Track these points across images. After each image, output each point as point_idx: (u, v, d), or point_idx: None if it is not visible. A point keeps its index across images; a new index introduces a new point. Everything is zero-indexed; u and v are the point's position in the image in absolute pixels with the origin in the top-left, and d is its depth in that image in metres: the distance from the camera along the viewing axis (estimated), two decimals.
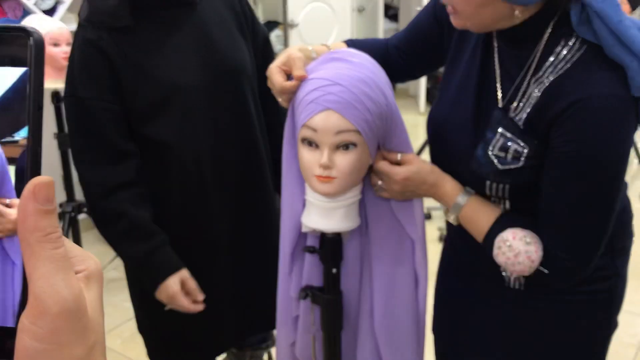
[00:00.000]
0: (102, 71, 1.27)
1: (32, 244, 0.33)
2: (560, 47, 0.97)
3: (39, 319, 0.32)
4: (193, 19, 1.35)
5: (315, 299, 1.15)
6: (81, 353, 0.33)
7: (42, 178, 0.33)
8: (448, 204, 1.10)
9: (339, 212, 1.07)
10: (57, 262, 0.33)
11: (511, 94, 1.02)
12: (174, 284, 1.33)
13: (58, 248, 0.33)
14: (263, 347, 1.95)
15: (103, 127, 1.30)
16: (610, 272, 1.11)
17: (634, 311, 2.71)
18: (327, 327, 1.16)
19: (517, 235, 0.98)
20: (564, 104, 0.92)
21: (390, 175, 1.07)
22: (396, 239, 1.15)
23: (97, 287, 0.36)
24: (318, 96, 0.99)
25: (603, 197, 0.96)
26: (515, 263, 0.98)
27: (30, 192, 0.33)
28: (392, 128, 1.08)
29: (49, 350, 0.32)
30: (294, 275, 1.20)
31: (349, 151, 1.01)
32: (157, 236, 1.34)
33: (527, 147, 0.98)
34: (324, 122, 0.99)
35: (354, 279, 1.17)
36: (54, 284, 0.32)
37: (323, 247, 1.12)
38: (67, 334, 0.33)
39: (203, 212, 1.43)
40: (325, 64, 1.03)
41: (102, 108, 1.29)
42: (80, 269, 0.36)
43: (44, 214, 0.33)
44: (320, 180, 1.02)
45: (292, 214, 1.15)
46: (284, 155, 1.14)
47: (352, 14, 5.39)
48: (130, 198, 1.33)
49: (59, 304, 0.32)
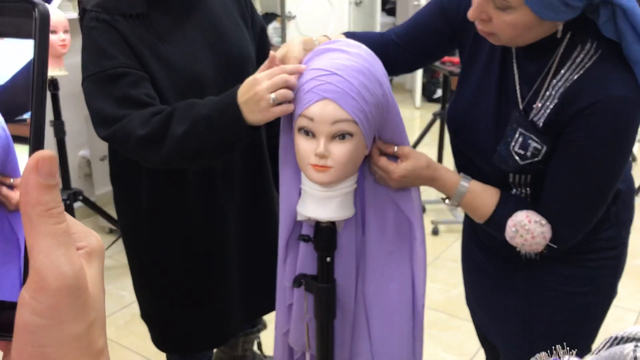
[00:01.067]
0: (121, 44, 1.25)
1: (34, 218, 0.32)
2: (576, 52, 1.04)
3: (39, 293, 0.32)
4: (203, 8, 1.37)
5: (309, 287, 1.16)
6: (80, 329, 0.33)
7: (44, 152, 0.33)
8: (449, 193, 1.16)
9: (334, 201, 1.08)
10: (58, 237, 0.33)
11: (530, 96, 1.10)
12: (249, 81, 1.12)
13: (60, 223, 0.33)
14: (255, 332, 1.97)
15: (131, 89, 1.23)
16: (617, 242, 1.24)
17: (623, 306, 2.74)
18: (321, 315, 1.17)
19: (532, 219, 1.09)
20: (583, 104, 1.01)
21: (387, 172, 1.10)
22: (394, 228, 1.16)
23: (98, 264, 0.36)
24: (315, 86, 1.00)
25: (605, 184, 1.09)
26: (533, 244, 1.10)
27: (32, 166, 0.32)
28: (389, 119, 1.09)
29: (48, 325, 0.32)
30: (288, 264, 1.22)
31: (345, 141, 1.02)
32: (191, 102, 1.22)
33: (545, 145, 1.08)
34: (321, 111, 0.99)
35: (347, 268, 1.18)
36: (55, 260, 0.32)
37: (317, 235, 1.13)
38: (66, 309, 0.32)
39: (212, 200, 1.44)
40: (322, 54, 1.04)
41: (126, 73, 1.23)
42: (82, 245, 0.35)
43: (46, 189, 0.33)
44: (316, 170, 1.03)
45: (287, 203, 1.16)
46: (281, 144, 1.15)
47: (349, 7, 5.39)
48: (164, 109, 1.22)
49: (59, 279, 0.32)
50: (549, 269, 1.24)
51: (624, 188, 1.21)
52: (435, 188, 1.17)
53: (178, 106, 1.20)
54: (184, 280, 1.50)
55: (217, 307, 1.53)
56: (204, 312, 1.53)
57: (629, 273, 3.11)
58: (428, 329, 2.57)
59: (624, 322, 2.64)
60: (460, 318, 2.63)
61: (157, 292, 1.54)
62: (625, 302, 2.76)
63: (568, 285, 1.24)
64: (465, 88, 1.23)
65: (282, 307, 1.26)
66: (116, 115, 1.21)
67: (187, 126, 1.15)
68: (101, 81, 1.23)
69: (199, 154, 1.19)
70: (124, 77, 1.23)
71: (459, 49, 1.27)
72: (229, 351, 2.03)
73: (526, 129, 1.10)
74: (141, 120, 1.18)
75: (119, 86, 1.22)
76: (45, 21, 0.34)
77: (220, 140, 1.15)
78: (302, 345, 1.26)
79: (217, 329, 1.57)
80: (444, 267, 3.11)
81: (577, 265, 1.23)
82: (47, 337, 0.32)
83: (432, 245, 3.37)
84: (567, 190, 1.09)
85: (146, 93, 1.24)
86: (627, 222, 1.25)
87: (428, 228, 3.52)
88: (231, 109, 1.10)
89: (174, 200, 1.42)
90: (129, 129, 1.19)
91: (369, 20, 6.11)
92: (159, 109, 1.21)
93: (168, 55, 1.29)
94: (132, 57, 1.25)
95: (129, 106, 1.21)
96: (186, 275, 1.50)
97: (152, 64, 1.27)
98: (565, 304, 1.26)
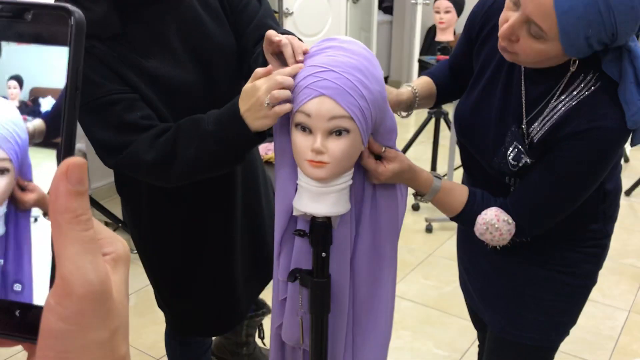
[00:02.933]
0: (103, 70, 1.21)
1: (62, 224, 0.33)
2: (579, 80, 1.13)
3: (64, 299, 0.32)
4: (181, 10, 1.30)
5: (304, 282, 1.17)
6: (104, 336, 0.33)
7: (75, 159, 0.33)
8: (424, 190, 1.26)
9: (330, 197, 1.09)
10: (85, 244, 0.33)
11: (532, 116, 1.20)
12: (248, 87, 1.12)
13: (87, 230, 0.33)
14: (259, 314, 1.99)
15: (126, 115, 1.21)
16: (603, 234, 1.36)
17: (612, 304, 2.77)
18: (315, 309, 1.18)
19: (500, 218, 1.20)
20: (576, 129, 1.11)
21: (374, 174, 1.15)
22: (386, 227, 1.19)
23: (123, 271, 0.36)
24: (312, 82, 1.01)
25: (573, 196, 1.20)
26: (500, 239, 1.22)
27: (62, 173, 0.33)
28: (384, 117, 1.10)
29: (72, 331, 0.32)
30: (282, 259, 1.23)
31: (342, 137, 1.03)
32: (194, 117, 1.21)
33: (534, 160, 1.19)
34: (318, 107, 1.00)
35: (342, 264, 1.19)
36: (81, 267, 0.32)
37: (313, 231, 1.14)
38: (91, 316, 0.33)
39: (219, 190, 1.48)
40: (321, 50, 1.05)
41: (118, 99, 1.21)
42: (108, 251, 0.36)
43: (75, 195, 0.33)
44: (313, 165, 1.04)
45: (283, 198, 1.17)
46: (277, 140, 1.16)
47: (346, 5, 5.39)
48: (165, 129, 1.22)
49: (85, 286, 0.32)
50: (543, 250, 1.34)
51: (611, 188, 1.32)
52: (412, 187, 1.25)
53: (182, 125, 1.20)
54: (188, 269, 1.54)
55: (224, 294, 1.58)
56: (211, 299, 1.57)
57: (619, 272, 3.16)
58: (420, 325, 2.61)
59: (614, 321, 2.66)
60: (452, 315, 2.65)
61: (163, 281, 1.57)
62: (616, 301, 2.79)
63: (559, 266, 1.35)
64: (473, 90, 1.32)
65: (277, 301, 1.27)
66: (118, 143, 1.20)
67: (195, 146, 1.17)
68: (95, 110, 1.20)
69: (211, 169, 1.23)
70: (117, 103, 1.20)
71: (476, 49, 1.34)
72: (233, 337, 2.05)
73: (521, 144, 1.20)
74: (146, 146, 1.18)
75: (114, 113, 1.19)
76: (81, 29, 0.34)
77: (231, 152, 1.18)
78: (295, 340, 1.27)
79: (225, 316, 1.62)
80: (437, 265, 3.13)
81: (570, 249, 1.34)
82: (71, 343, 0.32)
83: (426, 243, 3.39)
84: (538, 192, 1.20)
85: (142, 115, 1.21)
86: (612, 217, 1.37)
87: (422, 225, 3.54)
88: (236, 122, 1.12)
89: (171, 201, 1.45)
90: (136, 156, 1.19)
91: (366, 17, 6.12)
92: (160, 129, 1.21)
93: (151, 70, 1.25)
94: (118, 80, 1.21)
95: (128, 132, 1.20)
96: (190, 265, 1.53)
97: (137, 83, 1.24)
98: (554, 284, 1.36)
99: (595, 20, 0.99)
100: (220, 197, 1.49)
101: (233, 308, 1.61)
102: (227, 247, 1.53)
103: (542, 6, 1.01)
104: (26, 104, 0.35)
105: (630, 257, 3.22)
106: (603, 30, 1.00)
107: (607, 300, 2.79)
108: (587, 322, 2.60)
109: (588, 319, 2.62)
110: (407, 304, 2.76)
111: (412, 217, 3.66)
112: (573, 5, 0.98)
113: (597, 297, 2.78)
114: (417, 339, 2.52)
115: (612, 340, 2.53)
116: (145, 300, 2.67)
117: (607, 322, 2.65)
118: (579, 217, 1.26)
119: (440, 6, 4.10)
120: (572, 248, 1.34)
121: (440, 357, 2.43)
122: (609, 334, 2.57)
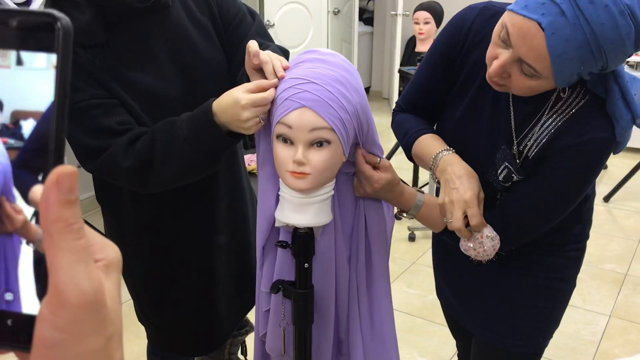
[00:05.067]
0: (84, 76, 1.21)
1: (54, 234, 0.32)
2: (566, 95, 1.15)
3: (58, 309, 0.32)
4: (168, 24, 1.29)
5: (287, 293, 1.17)
6: (99, 344, 0.33)
7: (65, 167, 0.33)
8: (407, 206, 1.26)
9: (312, 207, 1.10)
10: (78, 253, 0.33)
11: (523, 135, 1.20)
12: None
13: (79, 239, 0.33)
14: (243, 333, 1.98)
15: (103, 119, 1.21)
16: (582, 237, 1.39)
17: (594, 310, 2.80)
18: (298, 320, 1.18)
19: (484, 234, 1.20)
20: (569, 142, 1.13)
21: (370, 180, 1.15)
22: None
23: (116, 277, 0.36)
24: (293, 94, 1.02)
25: (566, 204, 1.22)
26: (484, 255, 1.22)
27: (53, 182, 0.32)
28: (366, 128, 1.12)
29: (67, 340, 0.32)
30: (265, 270, 1.23)
31: (323, 148, 1.04)
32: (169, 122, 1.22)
33: (523, 176, 1.21)
34: (299, 119, 1.01)
35: (326, 275, 1.20)
36: (75, 276, 0.32)
37: (295, 242, 1.14)
38: (85, 325, 0.33)
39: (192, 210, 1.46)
40: (301, 63, 1.06)
41: (97, 104, 1.21)
42: (100, 257, 0.35)
43: (67, 204, 0.32)
44: (294, 176, 1.05)
45: (265, 209, 1.17)
46: (259, 151, 1.16)
47: (327, 16, 5.43)
48: (140, 133, 1.22)
49: (79, 296, 0.32)
50: (527, 257, 1.35)
51: (590, 192, 1.36)
52: (398, 202, 1.24)
53: (157, 129, 1.20)
54: (170, 283, 1.52)
55: (207, 313, 1.55)
56: (194, 318, 1.55)
57: (599, 277, 3.20)
58: (405, 334, 2.61)
59: (595, 326, 2.70)
60: (436, 323, 2.67)
61: (145, 294, 1.55)
62: (596, 306, 2.83)
63: (543, 272, 1.37)
64: (457, 105, 1.30)
65: (260, 312, 1.27)
66: (96, 147, 1.20)
67: (171, 151, 1.17)
68: (74, 114, 1.20)
69: (188, 173, 1.23)
70: (95, 108, 1.20)
71: (457, 66, 1.29)
72: (215, 356, 2.03)
73: (511, 164, 1.21)
74: (123, 151, 1.19)
75: (92, 118, 1.20)
76: (68, 35, 0.34)
77: (207, 155, 1.19)
78: (278, 351, 1.27)
79: (207, 335, 1.59)
80: (420, 273, 3.15)
81: (553, 254, 1.36)
82: (65, 351, 0.32)
83: (409, 252, 3.40)
84: (529, 203, 1.21)
85: (119, 121, 1.22)
86: (589, 220, 1.41)
87: (405, 234, 3.56)
88: (210, 126, 1.14)
89: (154, 211, 1.43)
90: (113, 161, 1.20)
91: (347, 29, 6.16)
92: (134, 134, 1.21)
93: (132, 80, 1.25)
94: (98, 86, 1.21)
95: (104, 137, 1.20)
96: (171, 278, 1.52)
97: (118, 91, 1.24)
98: (539, 290, 1.37)
99: (588, 59, 1.00)
100: (204, 212, 1.48)
101: (215, 326, 1.59)
102: (210, 263, 1.52)
103: (536, 50, 1.01)
104: (7, 126, 0.35)
105: (609, 262, 3.27)
106: (594, 65, 1.02)
107: (587, 306, 2.82)
108: (569, 328, 2.63)
109: (569, 324, 2.65)
110: None
111: (395, 226, 3.65)
112: (566, 48, 0.99)
113: (577, 302, 2.81)
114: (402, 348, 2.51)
115: (593, 345, 2.56)
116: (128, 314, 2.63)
117: (589, 327, 2.68)
118: (563, 221, 1.27)
119: (420, 17, 4.15)
120: (555, 253, 1.36)
121: None
122: (590, 339, 2.60)
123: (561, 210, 1.22)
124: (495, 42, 1.09)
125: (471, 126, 1.27)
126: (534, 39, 1.00)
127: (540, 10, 0.99)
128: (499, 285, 1.40)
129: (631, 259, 3.32)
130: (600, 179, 4.38)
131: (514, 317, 1.39)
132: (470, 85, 1.27)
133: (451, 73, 1.29)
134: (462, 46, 1.26)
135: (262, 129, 1.13)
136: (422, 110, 1.39)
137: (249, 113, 1.07)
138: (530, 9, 1.00)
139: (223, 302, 1.57)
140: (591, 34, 0.97)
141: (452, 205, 1.19)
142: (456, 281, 1.51)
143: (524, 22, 1.01)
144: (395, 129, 1.42)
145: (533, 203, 1.21)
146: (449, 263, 1.53)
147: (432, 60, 1.32)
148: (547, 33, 0.98)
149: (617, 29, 0.96)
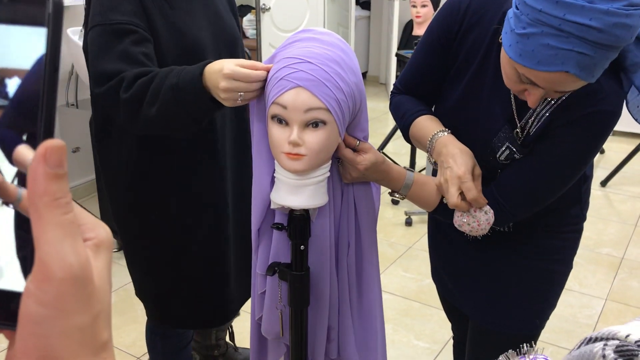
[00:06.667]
0: (135, 5, 1.29)
1: (41, 208, 0.32)
2: None
3: (44, 283, 0.32)
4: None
5: (283, 275, 1.17)
6: (85, 321, 0.33)
7: (53, 141, 0.32)
8: (397, 186, 1.24)
9: (307, 189, 1.09)
10: (65, 227, 0.32)
11: (525, 114, 1.19)
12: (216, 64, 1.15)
13: (67, 213, 0.33)
14: None
15: (131, 47, 1.26)
16: (580, 219, 1.39)
17: (589, 293, 2.82)
18: (294, 303, 1.18)
19: (478, 208, 1.18)
20: (575, 116, 1.12)
21: (353, 163, 1.13)
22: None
23: (106, 256, 0.36)
24: (288, 73, 1.00)
25: (571, 176, 1.21)
26: (479, 229, 1.20)
27: (41, 155, 0.32)
28: (360, 109, 1.10)
29: (53, 316, 0.32)
30: (260, 252, 1.22)
31: (319, 129, 1.03)
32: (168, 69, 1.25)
33: (524, 155, 1.20)
34: (294, 99, 1.00)
35: (322, 256, 1.19)
36: (61, 250, 0.32)
37: (291, 224, 1.14)
38: (71, 300, 0.32)
39: (212, 168, 1.51)
40: (296, 42, 1.05)
41: (132, 30, 1.27)
42: (90, 236, 0.35)
43: (54, 178, 0.32)
44: (290, 158, 1.04)
45: (260, 191, 1.16)
46: (254, 133, 1.15)
47: (324, 0, 5.38)
48: (148, 71, 1.26)
49: (65, 269, 0.32)
50: (524, 239, 1.35)
51: (589, 173, 1.36)
52: (387, 182, 1.23)
53: (160, 71, 1.22)
54: (179, 251, 1.54)
55: (217, 281, 1.58)
56: (202, 284, 1.57)
57: (596, 261, 3.21)
58: (401, 317, 2.63)
59: (591, 309, 2.71)
60: (432, 306, 2.68)
61: (150, 262, 1.57)
62: (592, 289, 2.84)
63: (540, 254, 1.36)
64: (456, 85, 1.28)
65: (255, 295, 1.27)
66: (110, 71, 1.24)
67: (159, 94, 1.19)
68: (105, 33, 1.26)
69: (170, 122, 1.22)
70: (130, 34, 1.26)
71: (455, 46, 1.27)
72: (202, 340, 2.04)
73: (513, 144, 1.20)
74: (127, 82, 1.22)
75: (122, 42, 1.25)
76: (59, 9, 0.34)
77: (186, 109, 1.17)
78: (275, 334, 1.27)
79: (218, 307, 1.63)
80: (417, 257, 3.15)
81: (551, 236, 1.36)
82: (51, 327, 0.32)
83: (405, 236, 3.41)
84: (531, 176, 1.19)
85: (144, 52, 1.27)
86: (587, 202, 1.40)
87: (401, 219, 3.56)
88: (195, 83, 1.13)
89: (158, 169, 1.47)
90: (116, 90, 1.23)
91: (344, 13, 6.12)
92: (143, 71, 1.23)
93: (175, 20, 1.36)
94: (143, 16, 1.29)
95: (125, 63, 1.24)
96: (181, 247, 1.53)
97: (160, 27, 1.32)
98: (535, 272, 1.37)
99: (612, 57, 1.00)
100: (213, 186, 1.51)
101: (225, 300, 1.61)
102: (221, 231, 1.55)
103: (571, 85, 1.02)
104: None
105: (606, 246, 3.28)
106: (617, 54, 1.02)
107: (584, 289, 2.83)
108: (565, 311, 2.64)
109: (565, 308, 2.66)
110: (388, 296, 2.77)
111: (392, 211, 3.67)
112: (595, 69, 0.98)
113: (574, 286, 2.82)
114: (398, 331, 2.54)
115: (589, 329, 2.58)
116: (124, 299, 2.64)
117: (585, 311, 2.69)
118: (562, 201, 1.26)
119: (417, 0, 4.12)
120: (552, 235, 1.36)
121: (421, 349, 2.45)
122: (586, 322, 2.62)
123: (564, 182, 1.21)
124: (515, 79, 1.07)
125: (470, 105, 1.26)
126: (566, 82, 1.01)
127: (557, 60, 0.97)
128: (494, 267, 1.40)
129: (627, 243, 3.33)
130: (597, 163, 4.39)
131: (510, 299, 1.39)
132: (469, 65, 1.25)
133: (449, 54, 1.28)
134: (460, 27, 1.24)
135: (255, 109, 1.12)
136: (419, 91, 1.37)
137: (226, 83, 1.06)
138: (546, 64, 0.98)
139: (233, 275, 1.59)
140: (610, 49, 0.96)
141: (446, 184, 1.18)
142: (452, 263, 1.51)
143: (547, 75, 1.00)
144: (393, 111, 1.41)
145: (534, 177, 1.19)
146: (444, 244, 1.52)
147: (430, 42, 1.31)
148: (576, 73, 0.98)
149: (630, 29, 0.95)
